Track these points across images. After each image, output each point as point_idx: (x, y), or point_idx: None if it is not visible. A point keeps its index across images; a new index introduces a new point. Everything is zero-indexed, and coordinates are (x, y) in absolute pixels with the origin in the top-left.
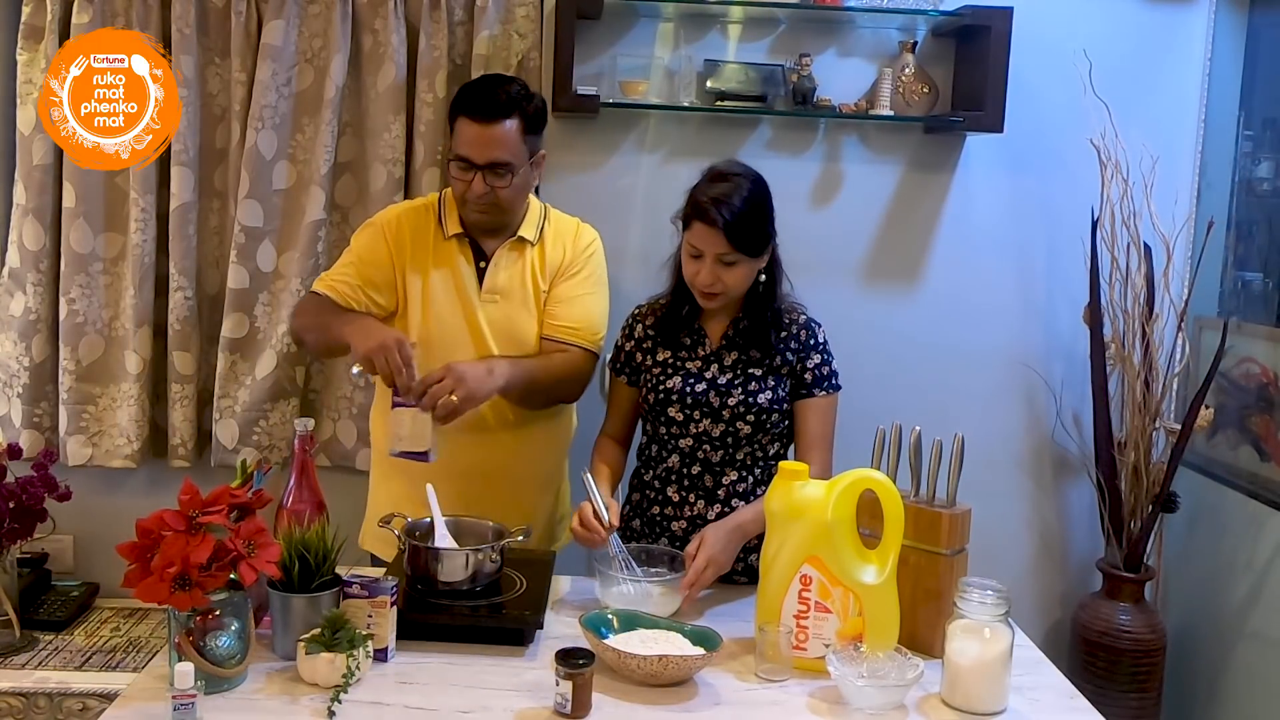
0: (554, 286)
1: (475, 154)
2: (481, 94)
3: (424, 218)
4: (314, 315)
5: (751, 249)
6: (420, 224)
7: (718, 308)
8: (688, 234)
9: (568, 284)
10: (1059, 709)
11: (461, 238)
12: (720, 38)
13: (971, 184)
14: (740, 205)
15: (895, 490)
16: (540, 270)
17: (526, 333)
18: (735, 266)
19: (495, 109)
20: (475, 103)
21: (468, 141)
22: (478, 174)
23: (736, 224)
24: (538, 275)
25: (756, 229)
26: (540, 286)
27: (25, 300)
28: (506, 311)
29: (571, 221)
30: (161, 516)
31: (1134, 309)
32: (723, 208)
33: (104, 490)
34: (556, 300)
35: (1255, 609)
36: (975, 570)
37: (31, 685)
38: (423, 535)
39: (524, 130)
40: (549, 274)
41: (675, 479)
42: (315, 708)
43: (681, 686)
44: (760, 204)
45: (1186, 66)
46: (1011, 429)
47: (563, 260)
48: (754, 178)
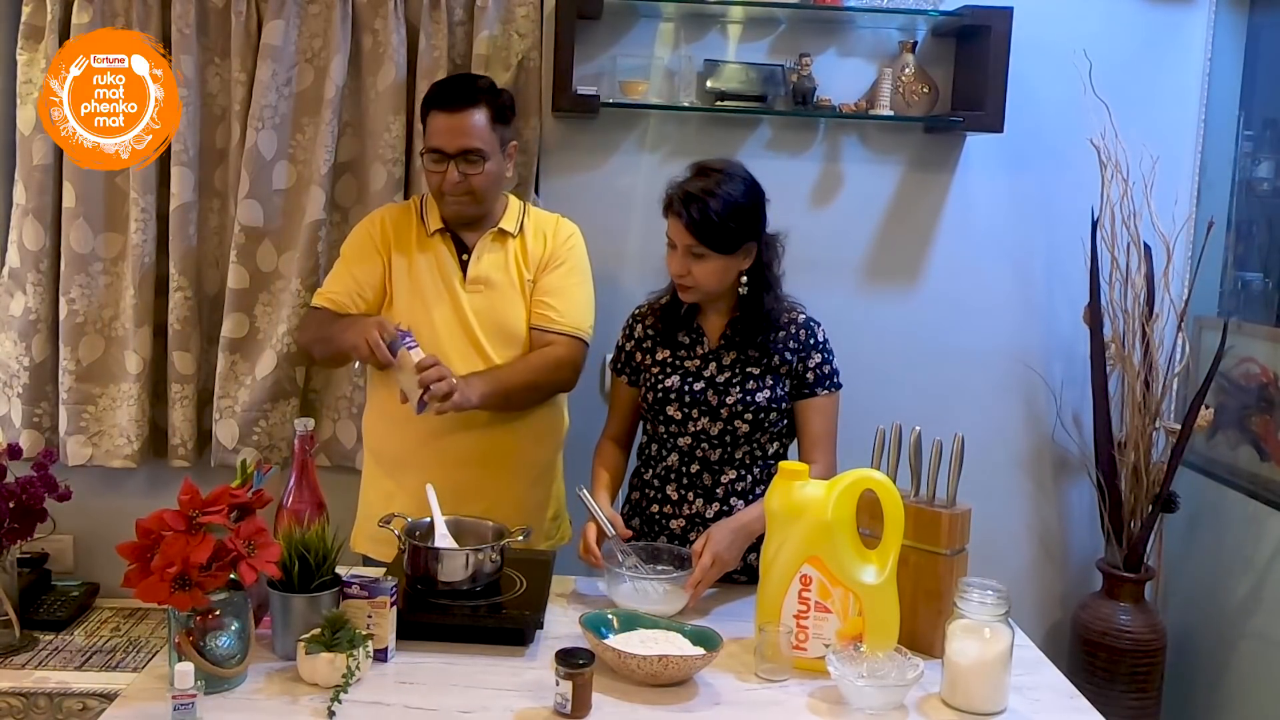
0: (539, 278)
1: (446, 143)
2: (449, 87)
3: (406, 216)
4: (315, 330)
5: (720, 245)
6: (403, 222)
7: (695, 300)
8: (667, 224)
9: (552, 275)
10: (1059, 709)
11: (443, 232)
12: (720, 38)
13: (971, 184)
14: (713, 201)
15: (895, 490)
16: (524, 261)
17: (514, 321)
18: (704, 260)
19: (463, 98)
20: (444, 95)
21: (439, 132)
22: (451, 163)
23: (704, 219)
24: (521, 266)
25: (727, 226)
26: (525, 276)
27: (25, 300)
28: (491, 301)
29: (551, 216)
30: (161, 516)
31: (1134, 309)
32: (692, 203)
33: (104, 490)
34: (543, 291)
35: (1255, 609)
36: (975, 570)
37: (31, 685)
38: (423, 535)
39: (493, 119)
40: (533, 265)
41: (674, 477)
42: (315, 708)
43: (681, 686)
44: (735, 202)
45: (1186, 66)
46: (1011, 429)
47: (545, 252)
48: (739, 176)
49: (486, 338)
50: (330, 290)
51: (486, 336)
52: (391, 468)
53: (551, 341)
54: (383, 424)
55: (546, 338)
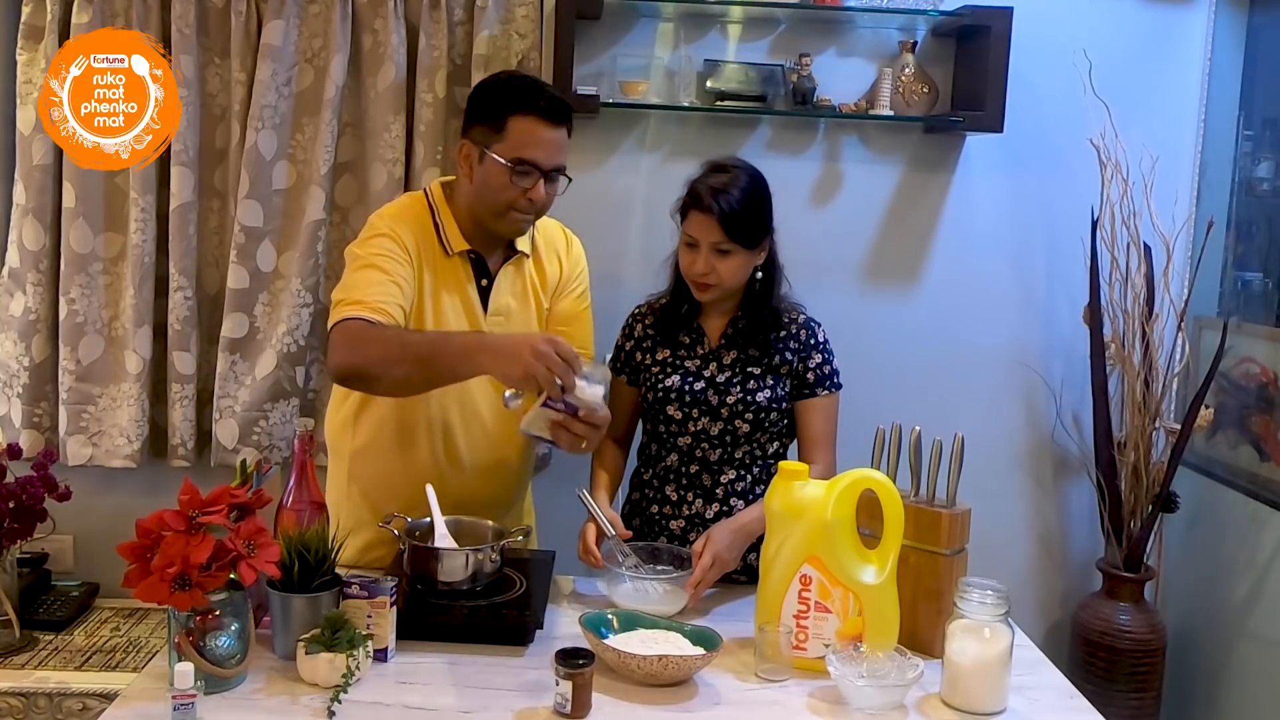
0: (554, 304)
1: (546, 157)
2: (553, 97)
3: (425, 231)
4: (385, 346)
5: (747, 240)
6: (422, 238)
7: (711, 300)
8: (685, 224)
9: (568, 301)
10: (1059, 709)
11: (464, 255)
12: (720, 38)
13: (971, 184)
14: (737, 195)
15: (895, 490)
16: (541, 285)
17: None
18: (730, 257)
19: (564, 113)
20: (549, 106)
21: (540, 144)
22: (541, 179)
23: (732, 213)
24: (538, 291)
25: (752, 220)
26: (542, 304)
27: (25, 300)
28: (510, 332)
29: (557, 228)
30: (161, 516)
31: (1134, 309)
32: (720, 197)
33: (104, 490)
34: (560, 319)
35: (1255, 609)
36: (975, 570)
37: (31, 685)
38: (423, 535)
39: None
40: (548, 290)
41: (674, 477)
42: (315, 708)
43: (681, 686)
44: (757, 196)
45: (1186, 66)
46: (1011, 429)
47: (560, 276)
48: (752, 172)
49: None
50: (377, 298)
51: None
52: (379, 504)
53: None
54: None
55: None
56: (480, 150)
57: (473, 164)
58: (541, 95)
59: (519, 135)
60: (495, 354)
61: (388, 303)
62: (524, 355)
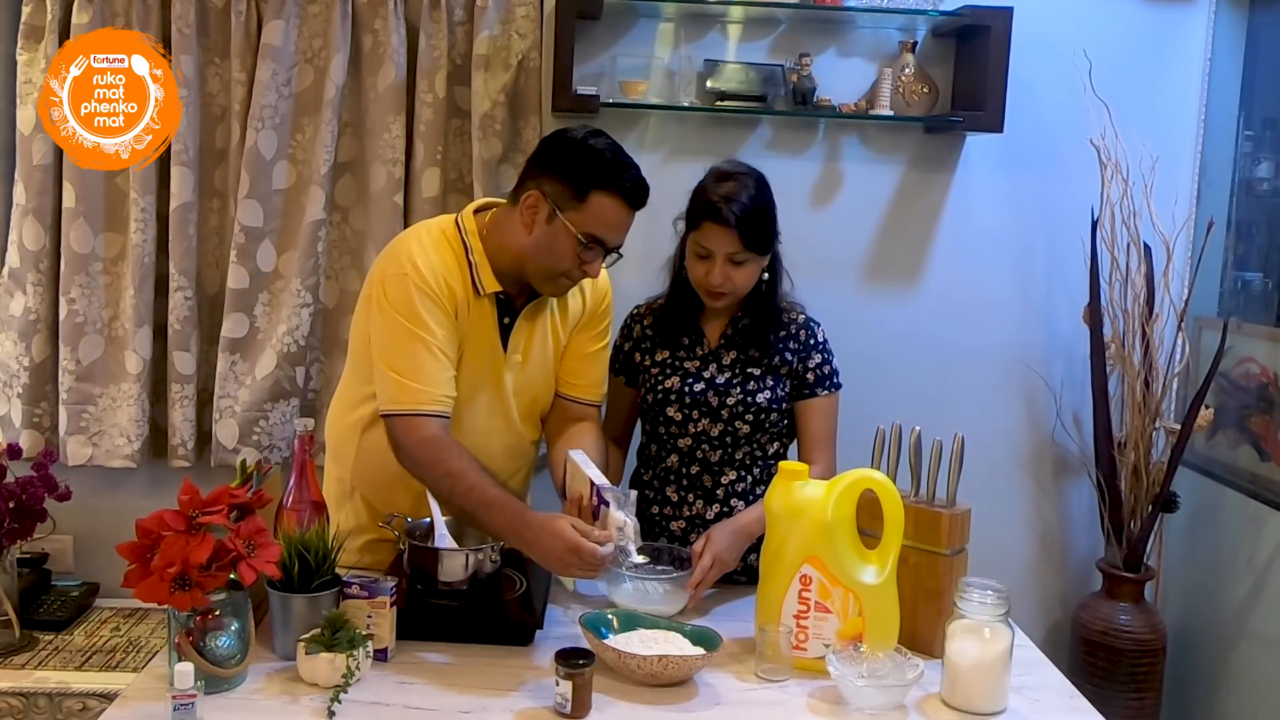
0: (571, 338)
1: (615, 239)
2: (636, 178)
3: (460, 273)
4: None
5: (760, 247)
6: (460, 283)
7: (724, 305)
8: (695, 234)
9: (586, 337)
10: (1059, 709)
11: (494, 296)
12: (720, 38)
13: (971, 184)
14: (749, 203)
15: (895, 490)
16: (561, 324)
17: (544, 394)
18: (744, 265)
19: (645, 197)
20: (633, 186)
21: (616, 226)
22: (603, 257)
23: (747, 222)
24: (558, 330)
25: (766, 228)
26: (560, 342)
27: (25, 300)
28: (528, 374)
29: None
30: (161, 516)
31: (1134, 309)
32: (734, 206)
33: (104, 490)
34: (575, 355)
35: (1255, 609)
36: (975, 570)
37: (31, 685)
38: (423, 535)
39: None
40: (569, 327)
41: (674, 479)
42: (315, 708)
43: (681, 686)
44: (766, 202)
45: (1186, 66)
46: (1011, 429)
47: (583, 311)
48: (758, 176)
49: (520, 416)
50: (438, 389)
51: (520, 414)
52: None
53: (587, 416)
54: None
55: (580, 410)
56: (553, 210)
57: (538, 219)
58: (629, 176)
59: (598, 212)
60: (529, 549)
61: (445, 388)
62: (554, 565)
